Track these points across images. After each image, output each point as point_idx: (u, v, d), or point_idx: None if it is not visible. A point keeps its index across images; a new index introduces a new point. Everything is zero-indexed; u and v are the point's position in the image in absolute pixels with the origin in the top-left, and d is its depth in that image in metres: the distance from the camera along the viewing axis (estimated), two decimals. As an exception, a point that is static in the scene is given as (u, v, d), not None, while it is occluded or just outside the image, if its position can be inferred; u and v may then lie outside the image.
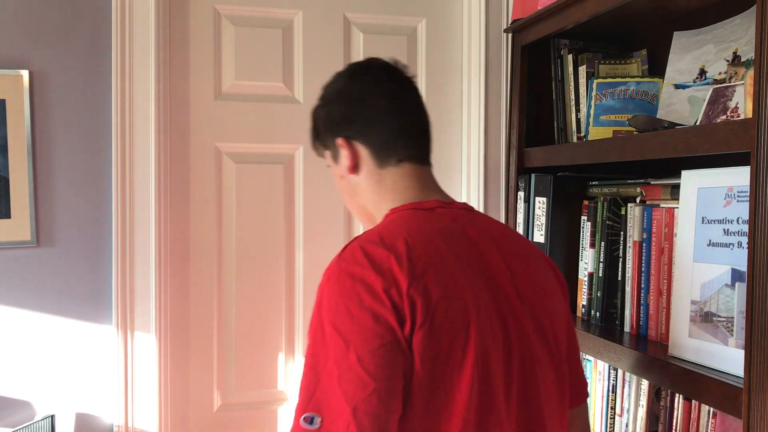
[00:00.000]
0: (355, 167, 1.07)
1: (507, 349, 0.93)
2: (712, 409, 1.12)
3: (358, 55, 1.87)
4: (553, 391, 0.99)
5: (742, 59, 1.26)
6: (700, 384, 1.10)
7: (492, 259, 0.97)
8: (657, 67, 1.55)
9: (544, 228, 1.59)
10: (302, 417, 0.85)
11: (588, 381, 1.48)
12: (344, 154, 1.07)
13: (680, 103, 1.39)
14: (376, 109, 1.06)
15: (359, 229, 1.89)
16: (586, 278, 1.52)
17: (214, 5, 1.77)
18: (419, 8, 1.90)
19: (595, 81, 1.53)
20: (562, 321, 1.04)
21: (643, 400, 1.30)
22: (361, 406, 0.83)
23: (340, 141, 1.07)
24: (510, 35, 1.83)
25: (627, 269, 1.41)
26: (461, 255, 0.94)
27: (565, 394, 1.03)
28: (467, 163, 1.90)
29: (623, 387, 1.37)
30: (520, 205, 1.70)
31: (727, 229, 1.13)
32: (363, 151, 1.06)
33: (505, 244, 1.01)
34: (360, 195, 1.09)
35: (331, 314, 0.87)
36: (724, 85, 1.22)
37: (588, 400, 1.16)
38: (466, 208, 1.06)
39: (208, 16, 1.77)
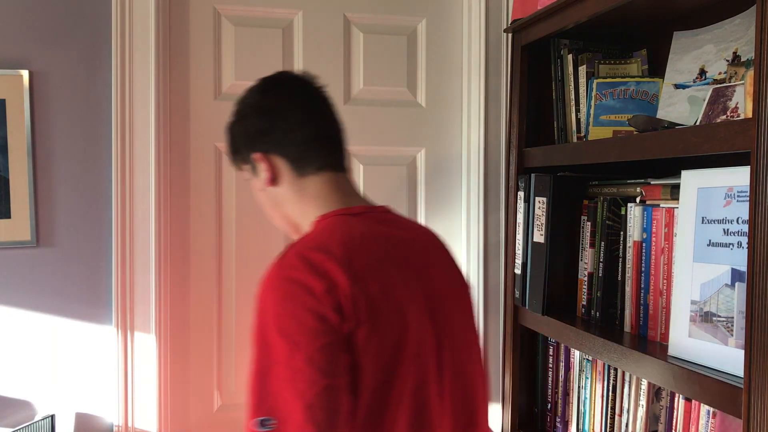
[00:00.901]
0: (273, 179, 1.09)
1: (438, 338, 1.02)
2: (712, 409, 1.12)
3: (358, 55, 1.87)
4: (479, 365, 1.12)
5: (742, 59, 1.26)
6: (700, 384, 1.10)
7: (418, 257, 1.06)
8: (657, 67, 1.55)
9: (543, 228, 1.59)
10: (254, 420, 0.88)
11: (588, 380, 1.48)
12: (262, 167, 1.09)
13: (680, 103, 1.39)
14: (288, 120, 1.08)
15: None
16: (585, 278, 1.52)
17: (214, 5, 1.77)
18: (419, 8, 1.90)
19: (595, 81, 1.53)
20: (470, 302, 1.15)
21: (643, 400, 1.30)
22: (314, 402, 0.87)
23: (256, 156, 1.09)
24: (510, 35, 1.83)
25: (627, 269, 1.41)
26: (392, 255, 1.01)
27: (483, 367, 1.16)
28: (467, 163, 1.90)
29: (623, 387, 1.37)
30: (520, 205, 1.69)
31: (727, 229, 1.13)
32: (280, 163, 1.09)
33: (424, 241, 1.11)
34: (283, 205, 1.11)
35: (275, 318, 0.91)
36: (724, 85, 1.22)
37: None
38: (387, 210, 1.11)
39: (208, 16, 1.77)
